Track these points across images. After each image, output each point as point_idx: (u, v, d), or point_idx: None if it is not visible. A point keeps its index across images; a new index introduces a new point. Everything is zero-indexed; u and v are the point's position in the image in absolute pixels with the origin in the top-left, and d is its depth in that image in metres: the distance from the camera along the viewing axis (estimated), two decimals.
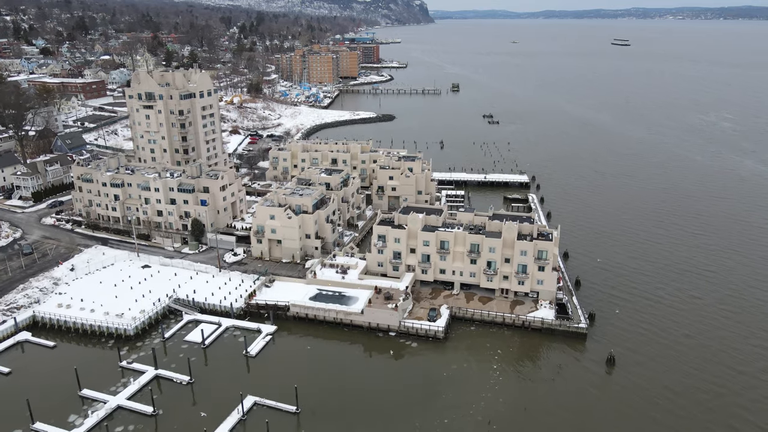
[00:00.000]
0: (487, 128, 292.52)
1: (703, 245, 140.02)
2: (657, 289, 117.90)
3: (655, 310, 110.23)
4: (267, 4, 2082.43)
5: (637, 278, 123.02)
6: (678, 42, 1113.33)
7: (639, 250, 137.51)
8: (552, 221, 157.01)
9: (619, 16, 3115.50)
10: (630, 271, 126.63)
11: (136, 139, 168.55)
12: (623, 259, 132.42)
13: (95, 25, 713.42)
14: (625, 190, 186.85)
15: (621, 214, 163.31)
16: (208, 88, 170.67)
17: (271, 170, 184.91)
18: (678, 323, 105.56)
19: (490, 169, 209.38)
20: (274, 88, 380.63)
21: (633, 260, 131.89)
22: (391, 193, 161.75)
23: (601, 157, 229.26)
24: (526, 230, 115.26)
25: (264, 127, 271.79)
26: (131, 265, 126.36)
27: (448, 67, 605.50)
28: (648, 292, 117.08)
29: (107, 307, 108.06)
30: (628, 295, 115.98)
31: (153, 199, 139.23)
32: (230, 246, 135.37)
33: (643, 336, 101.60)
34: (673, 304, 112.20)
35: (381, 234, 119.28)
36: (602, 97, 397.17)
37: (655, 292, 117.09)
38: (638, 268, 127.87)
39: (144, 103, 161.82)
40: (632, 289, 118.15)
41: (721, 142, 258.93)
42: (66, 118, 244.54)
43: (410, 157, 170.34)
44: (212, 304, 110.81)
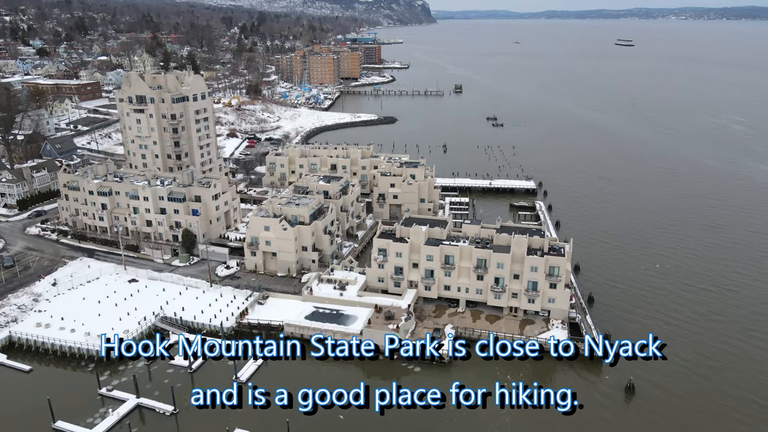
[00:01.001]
0: (491, 131, 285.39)
1: (721, 259, 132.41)
2: (675, 309, 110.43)
3: (676, 332, 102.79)
4: (269, 4, 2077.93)
5: (652, 295, 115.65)
6: (682, 42, 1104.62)
7: (654, 264, 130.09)
8: (561, 231, 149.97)
9: (622, 16, 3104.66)
10: (645, 287, 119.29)
11: (127, 145, 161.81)
12: (637, 274, 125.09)
13: (95, 26, 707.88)
14: (637, 197, 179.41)
15: (633, 224, 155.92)
16: (201, 90, 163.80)
17: (267, 176, 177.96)
18: (701, 349, 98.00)
19: (495, 174, 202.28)
20: (273, 90, 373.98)
21: (648, 275, 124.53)
22: (393, 201, 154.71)
23: (610, 162, 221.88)
24: (537, 244, 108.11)
25: (262, 129, 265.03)
26: (117, 279, 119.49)
27: (450, 68, 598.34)
28: (666, 311, 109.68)
29: (89, 327, 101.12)
30: (645, 315, 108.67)
31: (142, 208, 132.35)
32: (223, 258, 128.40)
33: (663, 362, 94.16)
34: (693, 326, 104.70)
35: (382, 248, 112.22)
36: (608, 98, 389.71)
37: (674, 311, 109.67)
38: (654, 284, 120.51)
39: (135, 107, 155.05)
40: (649, 308, 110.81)
41: (734, 146, 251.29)
42: (58, 121, 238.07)
43: (412, 163, 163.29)
44: (201, 324, 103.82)
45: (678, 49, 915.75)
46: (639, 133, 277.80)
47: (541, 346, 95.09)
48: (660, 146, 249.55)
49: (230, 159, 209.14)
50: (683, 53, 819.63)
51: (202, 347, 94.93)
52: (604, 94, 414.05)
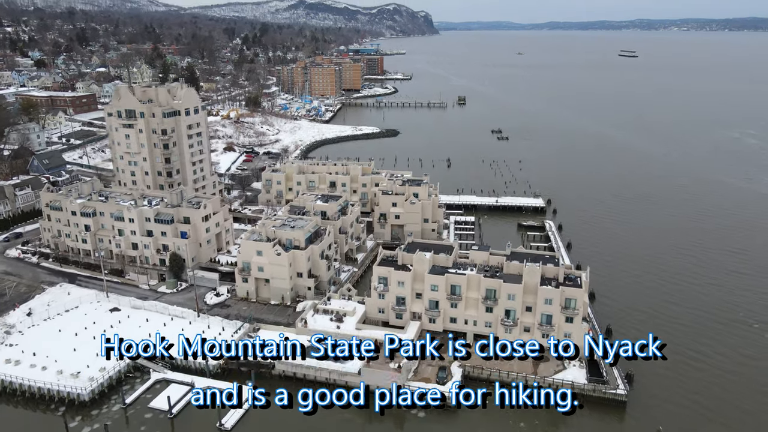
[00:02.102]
0: (496, 144, 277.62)
1: (748, 288, 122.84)
2: (703, 345, 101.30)
3: (704, 373, 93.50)
4: (272, 15, 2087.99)
5: (676, 330, 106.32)
6: (686, 53, 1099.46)
7: (674, 293, 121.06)
8: (573, 253, 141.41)
9: (624, 27, 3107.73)
10: (668, 320, 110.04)
11: (116, 161, 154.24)
12: (658, 304, 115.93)
13: (97, 37, 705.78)
14: (651, 217, 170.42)
15: (649, 246, 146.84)
16: (194, 104, 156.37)
17: (263, 194, 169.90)
18: (733, 393, 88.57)
19: (501, 191, 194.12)
20: (274, 101, 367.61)
21: (669, 306, 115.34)
22: (395, 221, 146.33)
23: (621, 179, 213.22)
24: (551, 273, 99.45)
25: (261, 143, 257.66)
26: (98, 308, 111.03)
27: (453, 79, 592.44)
28: (692, 348, 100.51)
29: (62, 363, 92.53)
30: (669, 352, 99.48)
31: (127, 230, 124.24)
32: (212, 284, 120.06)
33: (693, 409, 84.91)
34: (723, 366, 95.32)
35: (382, 276, 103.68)
36: (614, 110, 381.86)
37: (701, 348, 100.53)
38: (676, 316, 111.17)
39: (124, 122, 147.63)
40: (673, 344, 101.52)
41: (749, 161, 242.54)
42: (51, 135, 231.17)
43: (415, 181, 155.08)
44: (186, 360, 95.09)
45: (682, 60, 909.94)
46: (649, 146, 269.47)
47: (541, 346, 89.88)
48: (672, 161, 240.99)
49: (226, 174, 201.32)
50: (688, 64, 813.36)
51: (202, 347, 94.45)
52: (610, 106, 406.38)
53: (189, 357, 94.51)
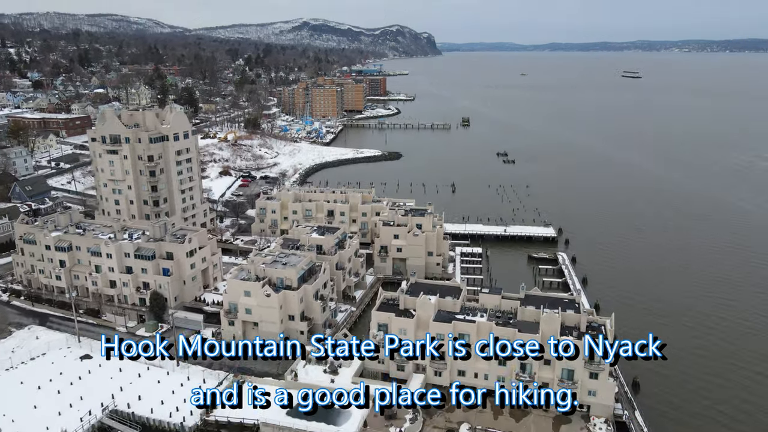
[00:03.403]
0: (502, 168, 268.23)
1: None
2: (744, 402, 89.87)
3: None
4: (276, 37, 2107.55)
5: (712, 385, 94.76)
6: (690, 74, 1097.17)
7: (705, 339, 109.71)
8: (589, 289, 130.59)
9: (625, 48, 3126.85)
10: (701, 372, 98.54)
11: (99, 189, 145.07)
12: (688, 353, 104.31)
13: (100, 58, 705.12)
14: (670, 250, 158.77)
15: (672, 286, 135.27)
16: (184, 129, 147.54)
17: (257, 223, 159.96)
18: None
19: (509, 218, 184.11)
20: (274, 123, 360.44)
21: (700, 356, 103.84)
22: (396, 254, 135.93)
23: (634, 206, 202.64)
24: (572, 321, 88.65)
25: (258, 167, 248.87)
26: (68, 356, 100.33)
27: (457, 100, 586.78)
28: (733, 405, 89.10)
29: (20, 424, 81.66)
30: (704, 409, 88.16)
31: (105, 266, 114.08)
32: (196, 326, 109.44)
33: None
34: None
35: (382, 323, 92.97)
36: (622, 133, 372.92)
37: (744, 405, 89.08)
38: (711, 369, 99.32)
39: (108, 147, 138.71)
40: (709, 401, 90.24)
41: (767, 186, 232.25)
42: (40, 159, 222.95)
43: (419, 210, 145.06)
44: (158, 421, 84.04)
45: (686, 81, 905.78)
46: (661, 171, 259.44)
47: (541, 347, 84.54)
48: (687, 186, 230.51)
49: (219, 201, 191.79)
50: (693, 85, 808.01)
51: (202, 347, 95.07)
52: (617, 128, 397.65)
53: (161, 417, 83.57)
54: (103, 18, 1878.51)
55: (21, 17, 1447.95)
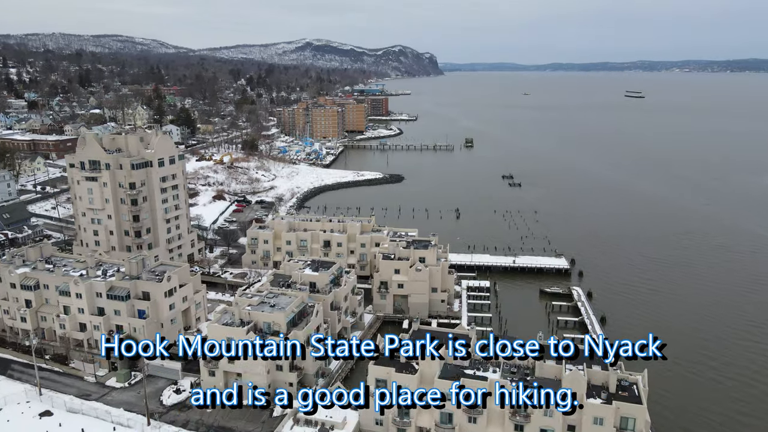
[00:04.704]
0: (507, 192, 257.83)
1: None
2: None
3: None
4: (279, 57, 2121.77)
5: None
6: (692, 94, 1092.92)
7: (739, 388, 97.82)
8: (608, 329, 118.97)
9: (626, 68, 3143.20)
10: (742, 426, 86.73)
11: (78, 218, 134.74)
12: (723, 405, 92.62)
13: (101, 78, 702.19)
14: (693, 285, 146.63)
15: (698, 326, 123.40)
16: (170, 153, 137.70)
17: (248, 254, 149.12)
18: None
19: (517, 247, 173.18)
20: (272, 144, 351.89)
21: (737, 406, 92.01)
22: (398, 290, 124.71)
23: (650, 234, 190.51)
24: (599, 379, 76.91)
25: (254, 190, 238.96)
26: (26, 412, 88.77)
27: (460, 120, 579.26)
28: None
29: None
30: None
31: (74, 307, 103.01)
32: (173, 375, 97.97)
33: None
34: None
35: (381, 377, 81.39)
36: (630, 154, 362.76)
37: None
38: (749, 421, 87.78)
39: (86, 174, 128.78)
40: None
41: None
42: (26, 182, 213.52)
43: (422, 242, 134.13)
44: None
45: (690, 100, 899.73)
46: (676, 196, 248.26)
47: (542, 347, 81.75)
48: (704, 214, 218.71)
49: (210, 228, 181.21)
50: (697, 105, 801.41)
51: (202, 347, 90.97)
52: (625, 149, 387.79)
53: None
54: (108, 39, 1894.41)
55: (26, 38, 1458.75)
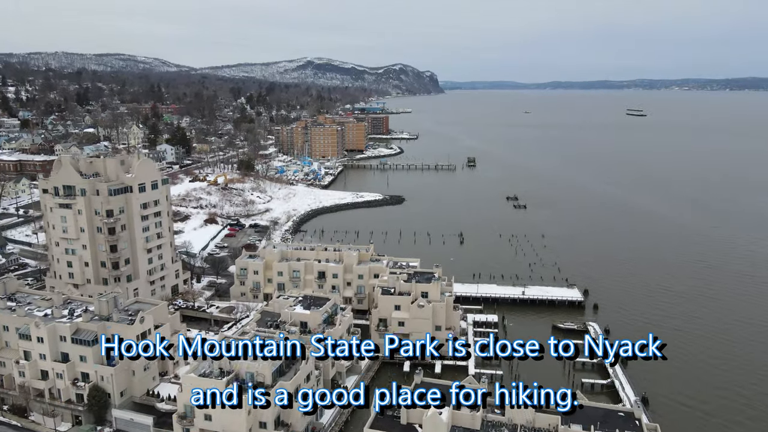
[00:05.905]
0: (513, 214, 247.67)
1: None
2: None
3: None
4: (281, 75, 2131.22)
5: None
6: (694, 112, 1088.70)
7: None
8: (629, 371, 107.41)
9: (626, 87, 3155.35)
10: None
11: (51, 248, 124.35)
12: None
13: (101, 96, 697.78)
14: (719, 321, 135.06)
15: (724, 364, 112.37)
16: (152, 178, 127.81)
17: (237, 286, 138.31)
18: None
19: (526, 275, 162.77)
20: (270, 164, 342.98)
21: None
22: (398, 329, 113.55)
23: (666, 262, 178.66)
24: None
25: (248, 213, 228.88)
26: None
27: (461, 139, 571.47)
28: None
29: None
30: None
31: (35, 352, 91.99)
32: (144, 431, 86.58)
33: None
34: None
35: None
36: (637, 174, 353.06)
37: None
38: None
39: (60, 200, 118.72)
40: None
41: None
42: (8, 205, 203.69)
43: (424, 275, 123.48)
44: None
45: (692, 119, 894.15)
46: (689, 220, 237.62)
47: (541, 346, 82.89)
48: (720, 240, 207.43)
49: (199, 255, 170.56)
50: (700, 124, 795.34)
51: (202, 347, 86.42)
52: (631, 168, 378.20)
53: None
54: (111, 57, 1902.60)
55: (29, 56, 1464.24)
